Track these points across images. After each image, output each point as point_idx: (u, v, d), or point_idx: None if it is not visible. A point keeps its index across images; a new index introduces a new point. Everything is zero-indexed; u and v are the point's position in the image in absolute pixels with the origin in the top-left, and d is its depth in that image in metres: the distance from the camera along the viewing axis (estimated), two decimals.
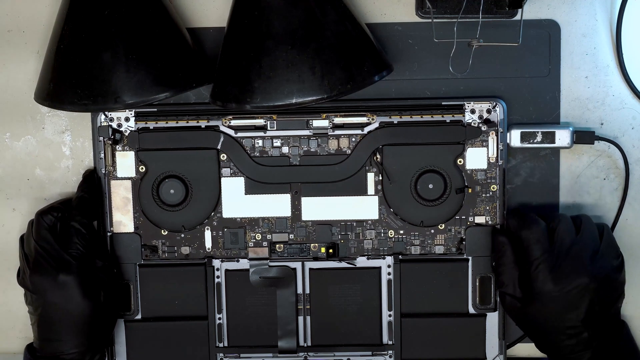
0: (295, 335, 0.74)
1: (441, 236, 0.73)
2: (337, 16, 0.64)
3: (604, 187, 0.73)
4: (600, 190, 0.73)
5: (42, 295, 0.67)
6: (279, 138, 0.72)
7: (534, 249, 0.66)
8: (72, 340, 0.68)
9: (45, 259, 0.67)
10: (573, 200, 0.73)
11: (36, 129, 0.74)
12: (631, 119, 0.72)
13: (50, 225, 0.68)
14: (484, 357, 0.73)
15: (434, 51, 0.71)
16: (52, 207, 0.69)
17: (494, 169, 0.72)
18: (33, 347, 0.70)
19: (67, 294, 0.67)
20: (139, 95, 0.64)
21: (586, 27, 0.71)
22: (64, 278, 0.66)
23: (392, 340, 0.74)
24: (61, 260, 0.67)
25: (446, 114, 0.71)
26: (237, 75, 0.64)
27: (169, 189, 0.72)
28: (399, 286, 0.73)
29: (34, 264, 0.67)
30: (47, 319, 0.68)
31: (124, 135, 0.72)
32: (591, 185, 0.73)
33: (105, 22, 0.63)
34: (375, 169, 0.72)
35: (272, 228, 0.73)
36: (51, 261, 0.67)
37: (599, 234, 0.68)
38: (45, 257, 0.67)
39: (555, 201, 0.72)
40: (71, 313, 0.67)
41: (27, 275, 0.68)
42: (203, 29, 0.72)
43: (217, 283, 0.73)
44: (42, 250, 0.67)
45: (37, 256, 0.67)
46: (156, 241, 0.73)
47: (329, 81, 0.62)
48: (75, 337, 0.68)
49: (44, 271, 0.67)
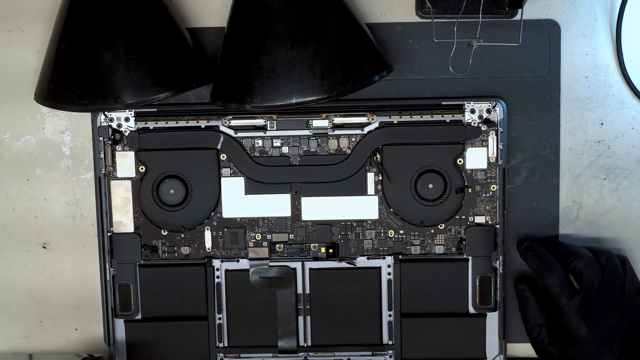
0: (295, 335, 0.74)
1: (441, 236, 0.73)
2: (337, 16, 0.64)
3: (604, 187, 0.73)
4: (600, 190, 0.73)
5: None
6: (279, 138, 0.72)
7: (561, 298, 0.66)
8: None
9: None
10: (573, 200, 0.73)
11: (36, 129, 0.74)
12: (631, 119, 0.72)
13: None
14: (484, 357, 0.73)
15: (434, 51, 0.71)
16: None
17: (494, 169, 0.72)
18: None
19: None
20: (139, 95, 0.64)
21: (586, 27, 0.71)
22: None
23: (392, 340, 0.74)
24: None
25: (446, 113, 0.71)
26: (237, 75, 0.64)
27: (169, 189, 0.72)
28: (399, 286, 0.73)
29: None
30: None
31: (124, 135, 0.72)
32: (591, 185, 0.73)
33: (105, 22, 0.63)
34: (375, 169, 0.72)
35: (272, 228, 0.73)
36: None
37: (622, 268, 0.67)
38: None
39: (556, 202, 0.72)
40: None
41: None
42: (203, 29, 0.72)
43: (217, 283, 0.73)
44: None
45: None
46: (156, 241, 0.73)
47: (329, 81, 0.62)
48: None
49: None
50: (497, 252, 0.72)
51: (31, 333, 0.75)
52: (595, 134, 0.72)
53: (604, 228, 0.73)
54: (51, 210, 0.74)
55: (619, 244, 0.73)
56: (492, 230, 0.72)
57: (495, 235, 0.72)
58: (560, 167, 0.72)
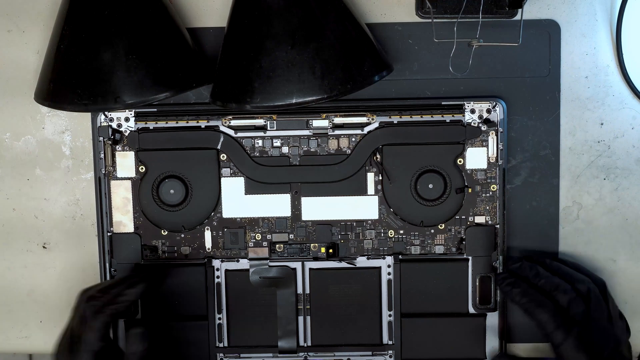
0: (295, 335, 0.74)
1: (441, 236, 0.73)
2: (337, 16, 0.64)
3: (604, 187, 0.73)
4: (600, 190, 0.73)
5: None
6: (279, 138, 0.72)
7: (556, 335, 0.64)
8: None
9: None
10: (573, 200, 0.73)
11: (36, 129, 0.74)
12: (631, 119, 0.72)
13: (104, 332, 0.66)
14: (484, 357, 0.73)
15: (434, 51, 0.71)
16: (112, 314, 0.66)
17: (494, 169, 0.72)
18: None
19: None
20: (139, 95, 0.64)
21: (586, 27, 0.71)
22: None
23: (392, 340, 0.74)
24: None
25: (446, 113, 0.71)
26: (237, 75, 0.64)
27: (169, 189, 0.72)
28: (399, 286, 0.73)
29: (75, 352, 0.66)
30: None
31: (124, 135, 0.72)
32: (591, 185, 0.73)
33: (105, 22, 0.63)
34: (375, 169, 0.72)
35: (272, 228, 0.73)
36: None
37: (602, 292, 0.67)
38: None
39: (556, 202, 0.72)
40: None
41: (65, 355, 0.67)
42: (203, 29, 0.72)
43: (217, 283, 0.74)
44: (88, 346, 0.65)
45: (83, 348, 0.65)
46: (156, 241, 0.73)
47: (329, 81, 0.62)
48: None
49: None
50: (497, 252, 0.72)
51: (31, 333, 0.75)
52: (595, 134, 0.72)
53: (604, 228, 0.73)
54: (51, 210, 0.74)
55: (619, 244, 0.73)
56: (492, 230, 0.72)
57: (495, 235, 0.72)
58: (560, 167, 0.72)
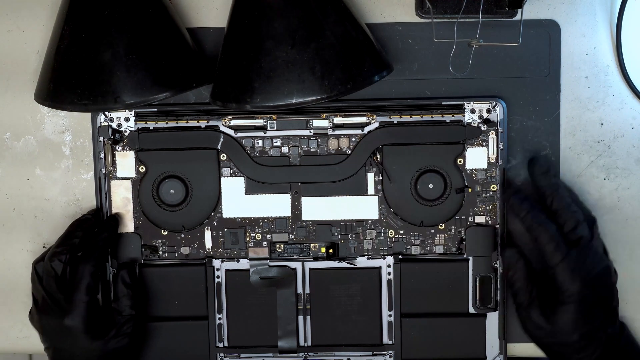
0: (295, 335, 0.74)
1: (441, 236, 0.73)
2: (337, 16, 0.64)
3: (604, 187, 0.73)
4: (600, 190, 0.73)
5: (50, 338, 0.68)
6: (279, 138, 0.72)
7: (555, 255, 0.64)
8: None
9: (51, 305, 0.67)
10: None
11: (36, 129, 0.74)
12: (631, 119, 0.72)
13: (58, 272, 0.67)
14: (484, 357, 0.73)
15: (434, 51, 0.71)
16: (57, 252, 0.68)
17: (494, 169, 0.72)
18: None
19: (73, 339, 0.67)
20: (139, 95, 0.64)
21: (586, 27, 0.71)
22: (69, 323, 0.66)
23: (392, 340, 0.74)
24: (68, 304, 0.67)
25: (446, 113, 0.71)
26: (237, 75, 0.64)
27: (169, 189, 0.72)
28: (399, 286, 0.73)
29: (42, 308, 0.68)
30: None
31: (124, 135, 0.72)
32: (591, 185, 0.73)
33: (105, 22, 0.63)
34: (375, 169, 0.72)
35: (272, 228, 0.73)
36: (55, 307, 0.67)
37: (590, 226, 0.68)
38: (51, 302, 0.67)
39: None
40: (79, 357, 0.68)
41: (36, 318, 0.69)
42: (203, 29, 0.72)
43: (217, 283, 0.73)
44: (49, 296, 0.67)
45: (44, 301, 0.68)
46: (156, 241, 0.73)
47: (329, 81, 0.62)
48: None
49: (51, 316, 0.67)
50: (497, 252, 0.72)
51: (31, 333, 0.75)
52: (595, 134, 0.72)
53: (604, 228, 0.73)
54: (51, 210, 0.74)
55: (620, 244, 0.73)
56: (492, 230, 0.72)
57: (495, 235, 0.72)
58: (560, 167, 0.72)
